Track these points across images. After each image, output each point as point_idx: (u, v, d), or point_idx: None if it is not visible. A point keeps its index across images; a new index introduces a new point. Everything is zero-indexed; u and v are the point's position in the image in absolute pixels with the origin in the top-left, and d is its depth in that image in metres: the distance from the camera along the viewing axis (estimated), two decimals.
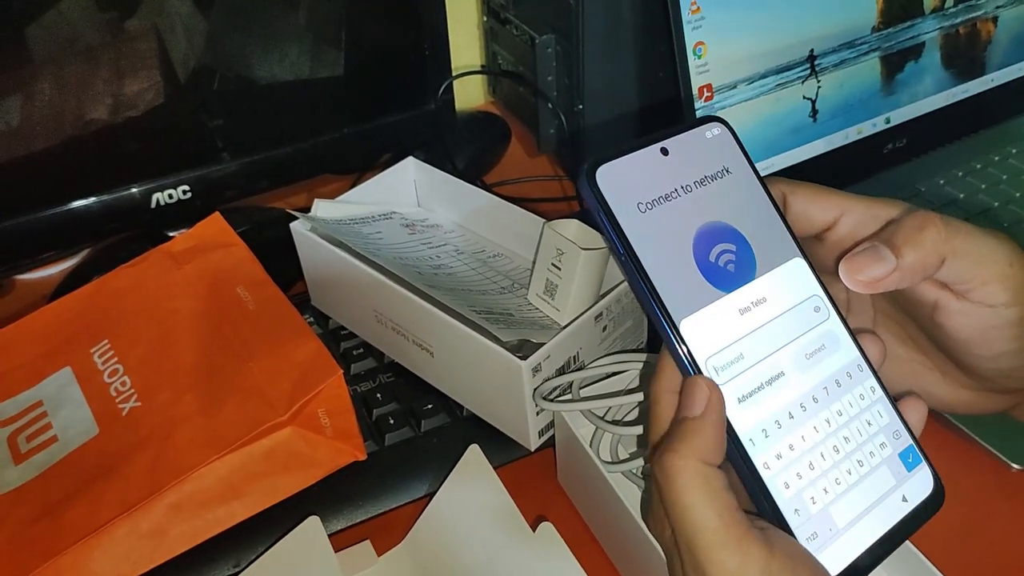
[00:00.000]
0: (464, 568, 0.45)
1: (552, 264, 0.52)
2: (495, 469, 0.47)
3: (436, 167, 0.63)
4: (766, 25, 0.64)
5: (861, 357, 0.36)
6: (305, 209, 0.59)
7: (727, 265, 0.34)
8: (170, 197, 0.63)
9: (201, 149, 0.63)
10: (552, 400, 0.47)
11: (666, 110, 0.67)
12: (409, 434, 0.53)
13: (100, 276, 0.57)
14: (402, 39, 0.68)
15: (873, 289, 0.35)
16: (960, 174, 0.73)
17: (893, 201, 0.37)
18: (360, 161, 0.73)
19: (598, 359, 0.49)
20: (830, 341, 0.35)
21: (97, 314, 0.55)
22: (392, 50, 0.68)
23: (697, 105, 0.62)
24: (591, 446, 0.46)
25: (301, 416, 0.46)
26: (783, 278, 0.35)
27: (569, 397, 0.48)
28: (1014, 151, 0.75)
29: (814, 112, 0.68)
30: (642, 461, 0.45)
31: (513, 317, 0.52)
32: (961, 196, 0.70)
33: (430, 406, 0.54)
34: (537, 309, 0.54)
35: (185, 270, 0.56)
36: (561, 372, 0.49)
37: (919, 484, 0.35)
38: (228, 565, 0.47)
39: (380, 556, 0.48)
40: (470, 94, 0.89)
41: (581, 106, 0.72)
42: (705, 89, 0.63)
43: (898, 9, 0.69)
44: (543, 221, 0.54)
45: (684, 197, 0.34)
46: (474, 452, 0.48)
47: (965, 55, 0.75)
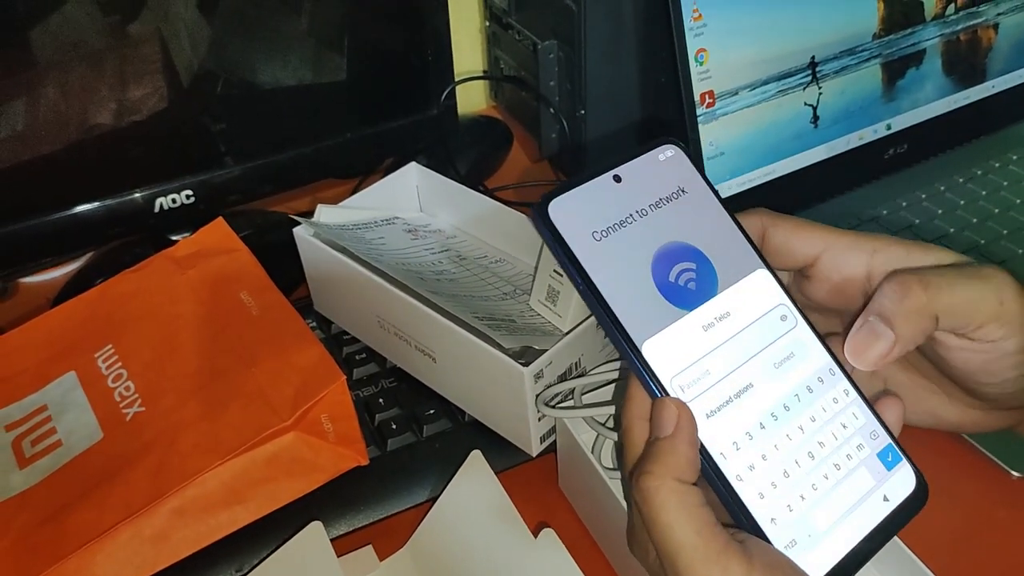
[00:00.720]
0: (466, 573, 0.45)
1: (554, 270, 0.52)
2: (497, 475, 0.48)
3: (438, 172, 0.63)
4: (768, 32, 0.64)
5: (832, 361, 0.36)
6: (308, 214, 0.59)
7: (688, 284, 0.34)
8: (173, 202, 0.63)
9: (204, 154, 0.64)
10: (554, 406, 0.47)
11: (668, 115, 0.67)
12: (411, 439, 0.53)
13: (104, 280, 0.57)
14: (404, 44, 0.68)
15: (882, 365, 0.35)
16: (961, 180, 0.73)
17: (875, 235, 0.38)
18: (363, 166, 0.74)
19: (600, 365, 0.49)
20: (799, 348, 0.35)
21: (101, 319, 0.55)
22: (394, 55, 0.68)
23: (699, 111, 0.63)
24: (592, 452, 0.47)
25: (304, 421, 0.46)
26: (746, 291, 0.35)
27: (571, 403, 0.48)
28: (1015, 157, 0.76)
29: (815, 118, 0.68)
30: None
31: (515, 323, 0.52)
32: (962, 203, 0.71)
33: (432, 411, 0.54)
34: (539, 315, 0.54)
35: (188, 275, 0.56)
36: (563, 378, 0.49)
37: (900, 482, 0.36)
38: (231, 570, 0.47)
39: (382, 561, 0.48)
40: (472, 99, 0.89)
41: (583, 111, 0.73)
42: (707, 95, 0.63)
43: (899, 16, 0.69)
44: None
45: (639, 221, 0.34)
46: (476, 457, 0.49)
47: (966, 62, 0.75)
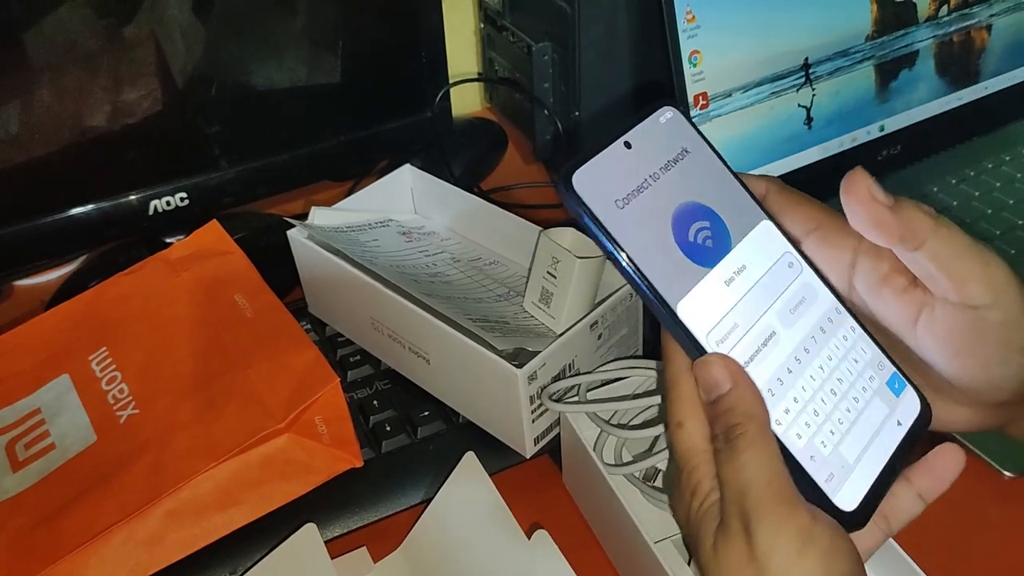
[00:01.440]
0: (460, 574, 0.45)
1: (548, 272, 0.52)
2: (491, 476, 0.48)
3: (433, 174, 0.63)
4: (761, 33, 0.64)
5: (837, 300, 0.37)
6: (302, 216, 0.59)
7: (705, 241, 0.35)
8: (168, 204, 0.63)
9: (199, 156, 0.64)
10: (558, 401, 0.48)
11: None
12: (405, 441, 0.53)
13: (98, 282, 0.58)
14: (399, 46, 0.68)
15: (871, 213, 0.35)
16: (954, 181, 0.74)
17: None
18: (357, 168, 0.74)
19: (607, 363, 0.49)
20: (808, 293, 0.37)
21: (95, 322, 0.55)
22: (389, 57, 0.68)
23: (693, 113, 0.63)
24: (595, 449, 0.47)
25: (298, 423, 0.47)
26: (756, 243, 0.36)
27: (576, 399, 0.48)
28: (1008, 158, 0.76)
29: (809, 120, 0.68)
30: (645, 465, 0.45)
31: (509, 325, 0.52)
32: (955, 204, 0.71)
33: (426, 413, 0.54)
34: (533, 317, 0.54)
35: (183, 277, 0.56)
36: (557, 380, 0.49)
37: (908, 406, 0.37)
38: (225, 572, 0.47)
39: (376, 563, 0.48)
40: (467, 101, 0.89)
41: (577, 113, 0.73)
42: (701, 97, 0.63)
43: (892, 17, 0.70)
44: (539, 229, 0.55)
45: (654, 185, 0.34)
46: (470, 459, 0.49)
47: (959, 63, 0.75)
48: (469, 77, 0.87)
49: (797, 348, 0.35)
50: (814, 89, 0.68)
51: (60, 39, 0.56)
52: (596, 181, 0.33)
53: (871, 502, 0.34)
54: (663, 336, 0.35)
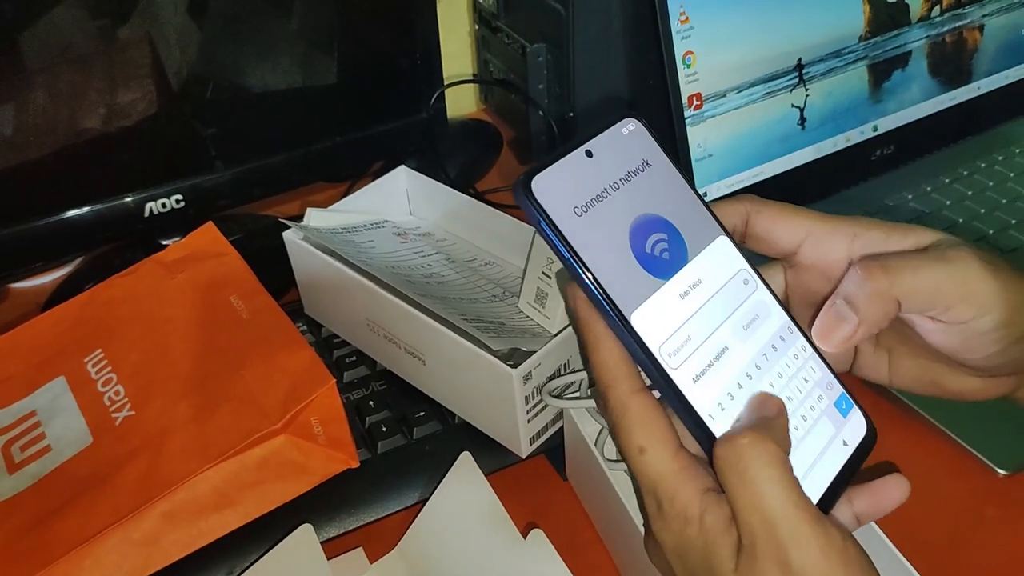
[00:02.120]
0: (456, 574, 0.46)
1: (543, 272, 0.52)
2: (487, 476, 0.48)
3: (428, 175, 0.63)
4: (755, 35, 0.64)
5: (789, 319, 0.38)
6: (298, 218, 0.59)
7: (662, 254, 0.35)
8: (163, 206, 0.63)
9: (194, 158, 0.64)
10: (559, 396, 0.48)
11: (656, 118, 0.67)
12: (401, 442, 0.53)
13: (93, 285, 0.57)
14: (394, 48, 0.68)
15: (847, 347, 0.37)
16: (947, 181, 0.74)
17: (857, 218, 0.38)
18: (352, 170, 0.74)
19: None
20: (762, 310, 0.37)
21: (91, 324, 0.55)
22: (384, 59, 0.68)
23: (687, 113, 0.63)
24: (596, 444, 0.47)
25: (294, 424, 0.47)
26: (712, 257, 0.36)
27: (577, 394, 0.48)
28: (1000, 158, 0.76)
29: (802, 120, 0.69)
30: None
31: (504, 325, 0.52)
32: (948, 203, 0.71)
33: (422, 414, 0.54)
34: (528, 317, 0.54)
35: (178, 279, 0.56)
36: (552, 379, 0.49)
37: (855, 427, 0.37)
38: (221, 573, 0.47)
39: (372, 563, 0.48)
40: (462, 102, 0.89)
41: (572, 114, 0.73)
42: (695, 98, 0.63)
43: (885, 18, 0.70)
44: (534, 230, 0.55)
45: (613, 195, 0.35)
46: (466, 459, 0.49)
47: (952, 63, 0.75)
48: (464, 78, 0.87)
49: (749, 364, 0.35)
50: (808, 89, 0.68)
51: (55, 41, 0.56)
52: (555, 188, 0.33)
53: None
54: (597, 360, 0.35)
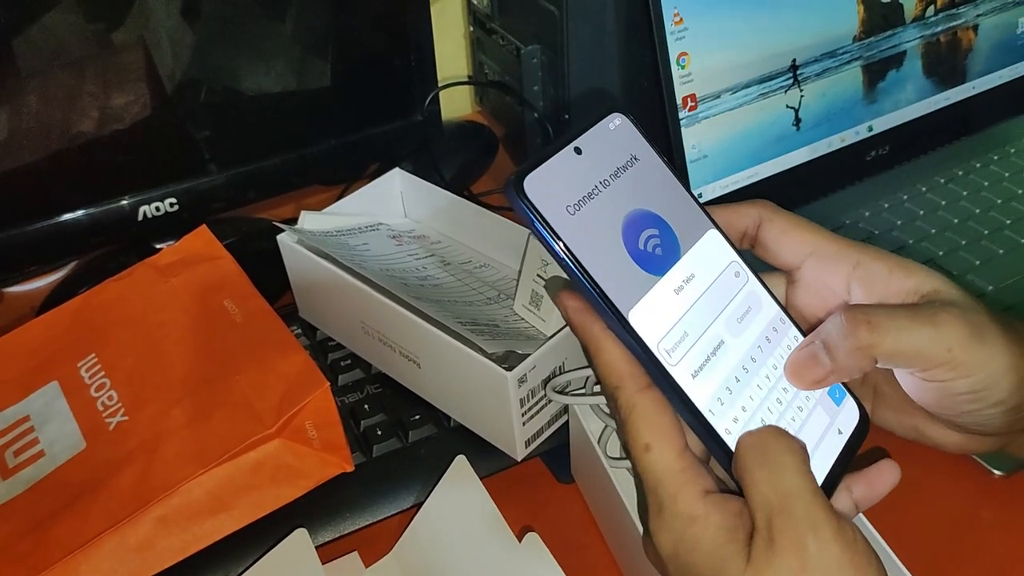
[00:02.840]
0: None
1: (538, 275, 0.52)
2: (482, 479, 0.48)
3: (423, 178, 0.63)
4: (749, 35, 0.64)
5: (781, 310, 0.38)
6: (292, 221, 0.59)
7: (655, 249, 0.35)
8: (157, 210, 0.63)
9: (188, 161, 0.64)
10: (564, 393, 0.48)
11: (651, 119, 0.67)
12: (396, 445, 0.53)
13: (87, 289, 0.57)
14: (388, 50, 0.68)
15: (816, 388, 0.37)
16: (942, 181, 0.74)
17: (865, 247, 0.38)
18: (347, 172, 0.74)
19: None
20: (754, 302, 0.37)
21: (84, 328, 0.55)
22: (378, 61, 0.68)
23: (681, 114, 0.63)
24: (599, 442, 0.47)
25: (288, 428, 0.46)
26: (704, 251, 0.36)
27: (582, 391, 0.48)
28: (996, 158, 0.76)
29: (797, 121, 0.69)
30: None
31: (499, 328, 0.52)
32: (943, 203, 0.71)
33: (417, 417, 0.54)
34: (523, 320, 0.54)
35: (172, 283, 0.56)
36: (546, 383, 0.49)
37: (848, 415, 0.38)
38: None
39: (368, 567, 0.48)
40: (457, 104, 0.89)
41: (567, 116, 0.73)
42: (689, 99, 0.63)
43: (879, 19, 0.70)
44: (528, 232, 0.55)
45: (604, 192, 0.34)
46: (461, 463, 0.49)
47: (946, 63, 0.75)
48: (458, 80, 0.87)
49: (744, 357, 0.36)
50: (802, 90, 0.68)
51: (48, 44, 0.56)
52: (547, 187, 0.33)
53: None
54: (601, 363, 0.35)
